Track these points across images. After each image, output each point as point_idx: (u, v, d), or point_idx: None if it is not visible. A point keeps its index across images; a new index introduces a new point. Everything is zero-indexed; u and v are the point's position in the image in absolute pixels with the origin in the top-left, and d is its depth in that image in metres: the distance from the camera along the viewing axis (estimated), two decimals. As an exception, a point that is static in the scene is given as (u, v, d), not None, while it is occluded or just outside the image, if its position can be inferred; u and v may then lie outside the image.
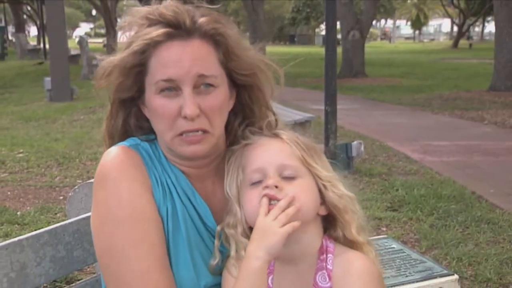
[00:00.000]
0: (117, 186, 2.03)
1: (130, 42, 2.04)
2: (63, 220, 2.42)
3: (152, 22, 2.03)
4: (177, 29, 2.01)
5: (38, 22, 56.71)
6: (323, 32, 51.55)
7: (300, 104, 17.39)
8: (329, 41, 10.59)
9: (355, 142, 9.84)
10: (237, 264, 1.97)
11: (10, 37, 64.65)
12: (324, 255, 1.95)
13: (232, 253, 2.00)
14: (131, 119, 2.20)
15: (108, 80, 2.09)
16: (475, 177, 9.88)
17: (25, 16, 73.48)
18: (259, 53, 2.21)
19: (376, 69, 32.99)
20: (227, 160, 2.10)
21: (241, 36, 2.18)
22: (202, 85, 2.01)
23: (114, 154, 2.10)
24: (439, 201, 8.08)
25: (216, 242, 2.07)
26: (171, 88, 2.00)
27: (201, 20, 2.04)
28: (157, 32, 1.99)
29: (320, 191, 2.00)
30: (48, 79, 20.12)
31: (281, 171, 1.93)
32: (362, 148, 9.79)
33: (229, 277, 2.01)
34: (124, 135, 2.22)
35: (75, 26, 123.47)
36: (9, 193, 8.82)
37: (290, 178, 1.94)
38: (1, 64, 38.85)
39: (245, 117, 2.26)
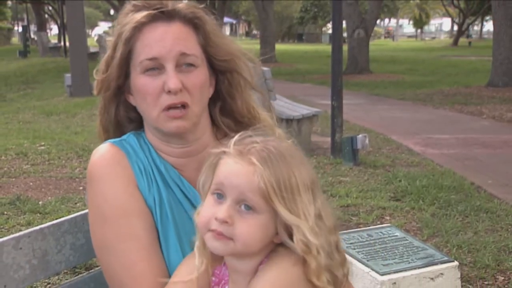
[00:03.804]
0: (101, 185, 2.06)
1: (120, 32, 2.08)
2: (82, 210, 2.42)
3: (138, 8, 2.09)
4: (160, 13, 2.05)
5: (59, 21, 56.66)
6: (330, 31, 51.53)
7: (308, 99, 17.43)
8: (336, 39, 10.60)
9: (360, 135, 9.82)
10: (199, 255, 1.87)
11: (32, 36, 64.79)
12: (261, 266, 1.85)
13: (198, 243, 1.89)
14: (120, 109, 2.20)
15: (110, 75, 2.12)
16: (474, 169, 9.87)
17: (46, 16, 73.60)
18: (234, 43, 2.23)
19: (380, 66, 32.90)
20: (206, 160, 1.92)
21: (218, 25, 2.20)
22: (184, 64, 2.04)
23: (99, 153, 2.12)
24: (440, 191, 8.07)
25: (196, 219, 1.92)
26: (155, 67, 2.02)
27: (181, 5, 2.10)
28: (141, 14, 2.04)
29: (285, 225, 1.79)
30: (68, 75, 20.20)
31: (239, 201, 1.76)
32: (367, 141, 9.77)
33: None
34: (117, 126, 2.24)
35: (94, 25, 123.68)
36: (31, 183, 8.84)
37: (246, 211, 1.76)
38: (23, 61, 38.89)
39: (226, 105, 2.26)
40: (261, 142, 1.81)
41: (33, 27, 77.79)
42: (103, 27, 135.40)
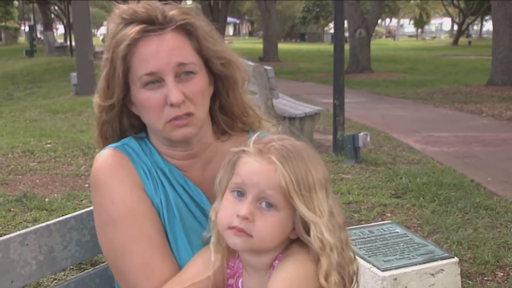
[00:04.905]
0: (108, 189, 2.05)
1: (115, 50, 2.04)
2: (88, 207, 2.42)
3: (127, 21, 2.04)
4: (151, 25, 2.02)
5: (65, 21, 56.68)
6: (332, 30, 51.47)
7: (310, 98, 17.44)
8: (337, 38, 10.59)
9: (361, 133, 9.82)
10: (214, 251, 1.90)
11: (38, 35, 64.79)
12: (276, 261, 1.86)
13: (213, 239, 1.91)
14: (124, 118, 2.20)
15: (116, 98, 2.11)
16: (474, 166, 9.86)
17: (52, 15, 73.55)
18: (227, 47, 2.21)
19: (381, 65, 32.87)
20: (226, 158, 1.94)
21: (212, 29, 2.17)
22: (182, 73, 2.02)
23: (102, 158, 2.11)
24: (440, 188, 8.06)
25: (213, 216, 1.93)
26: (154, 80, 2.01)
27: (171, 13, 2.06)
28: (133, 30, 2.01)
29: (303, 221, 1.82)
30: (74, 74, 20.20)
31: (260, 198, 1.79)
32: (368, 139, 9.76)
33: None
34: (121, 135, 2.23)
35: (100, 24, 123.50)
36: (37, 181, 8.84)
37: (267, 208, 1.79)
38: (30, 60, 38.89)
39: (222, 102, 2.26)
40: (279, 140, 1.84)
41: (39, 27, 77.73)
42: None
